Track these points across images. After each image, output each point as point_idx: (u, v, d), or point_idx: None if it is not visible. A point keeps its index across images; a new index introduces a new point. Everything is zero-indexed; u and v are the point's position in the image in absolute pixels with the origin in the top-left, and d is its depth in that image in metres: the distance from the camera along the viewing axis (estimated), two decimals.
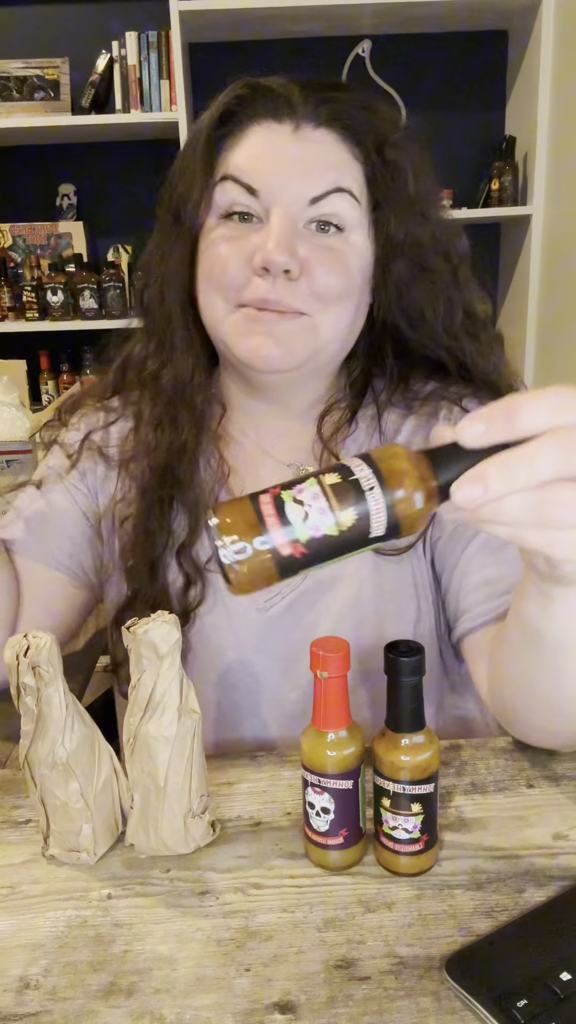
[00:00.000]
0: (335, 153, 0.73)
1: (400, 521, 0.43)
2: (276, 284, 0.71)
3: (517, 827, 0.63)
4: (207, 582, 0.79)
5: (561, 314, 2.53)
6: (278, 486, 0.43)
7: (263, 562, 0.42)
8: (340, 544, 0.43)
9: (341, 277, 0.73)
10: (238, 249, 0.72)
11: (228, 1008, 0.49)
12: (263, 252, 0.69)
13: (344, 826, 0.58)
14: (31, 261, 2.93)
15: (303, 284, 0.72)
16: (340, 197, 0.72)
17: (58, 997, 0.50)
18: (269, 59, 2.76)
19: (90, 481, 0.84)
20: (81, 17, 2.79)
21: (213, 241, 0.74)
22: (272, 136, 0.73)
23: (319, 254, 0.72)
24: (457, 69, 2.84)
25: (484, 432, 0.42)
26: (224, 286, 0.73)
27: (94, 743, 0.61)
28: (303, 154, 0.72)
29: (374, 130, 0.74)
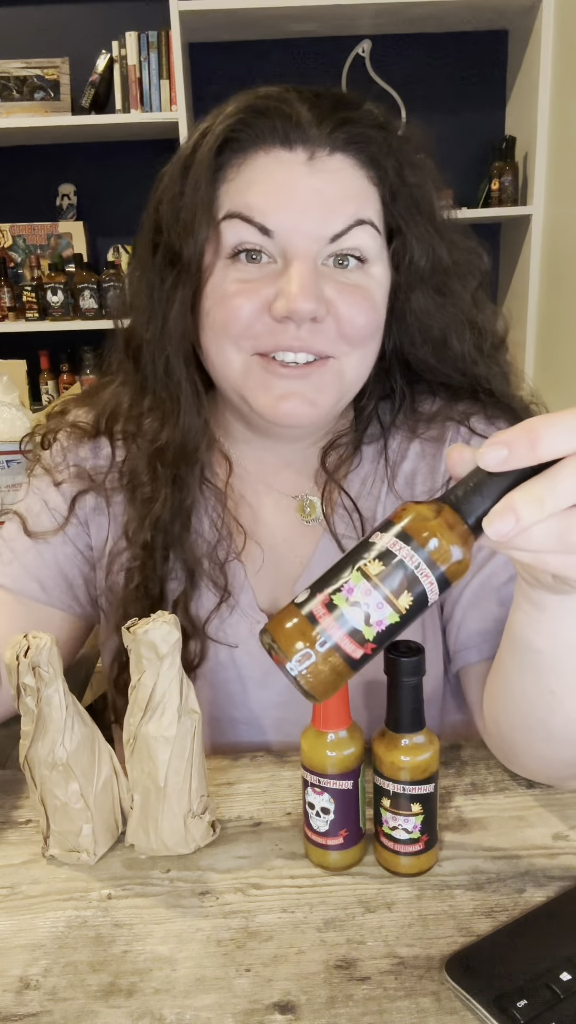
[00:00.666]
0: (353, 181, 0.67)
1: (448, 575, 0.43)
2: (301, 331, 0.66)
3: (517, 827, 0.63)
4: (206, 638, 0.76)
5: (561, 314, 2.53)
6: (322, 588, 0.43)
7: (336, 667, 0.43)
8: (404, 624, 0.43)
9: (368, 315, 0.68)
10: (253, 295, 0.66)
11: (228, 1008, 0.49)
12: (287, 301, 0.64)
13: (344, 826, 0.58)
14: (31, 261, 2.93)
15: (330, 326, 0.67)
16: (361, 230, 0.67)
17: (58, 997, 0.50)
18: (269, 59, 2.76)
19: (80, 513, 0.80)
20: (81, 17, 2.79)
21: (223, 287, 0.67)
22: (283, 169, 0.65)
23: (344, 294, 0.67)
24: (457, 69, 2.84)
25: (506, 458, 0.41)
26: (240, 335, 0.67)
27: (94, 743, 0.61)
28: (320, 187, 0.65)
29: (392, 152, 0.69)
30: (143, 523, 0.75)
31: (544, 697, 0.58)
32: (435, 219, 0.72)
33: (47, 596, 0.78)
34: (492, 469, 0.41)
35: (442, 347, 0.75)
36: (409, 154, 0.70)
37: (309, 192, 0.65)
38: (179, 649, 0.57)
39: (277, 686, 0.78)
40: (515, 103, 2.80)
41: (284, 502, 0.80)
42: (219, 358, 0.70)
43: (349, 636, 0.42)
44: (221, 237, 0.67)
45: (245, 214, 0.66)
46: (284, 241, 0.66)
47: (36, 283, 2.80)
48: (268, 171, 0.66)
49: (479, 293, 0.77)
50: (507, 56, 2.83)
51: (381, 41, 2.76)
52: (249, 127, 0.66)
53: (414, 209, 0.70)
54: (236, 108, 0.67)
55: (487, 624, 0.72)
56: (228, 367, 0.69)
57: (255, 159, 0.66)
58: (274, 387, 0.68)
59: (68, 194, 2.98)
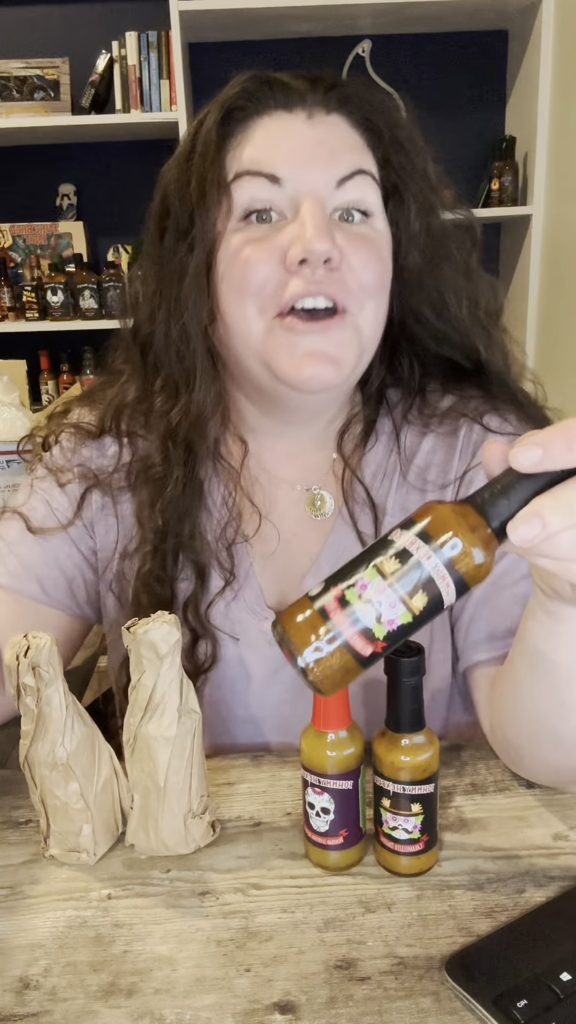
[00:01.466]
0: (351, 137, 0.71)
1: (467, 579, 0.42)
2: (316, 274, 0.66)
3: (517, 827, 0.63)
4: (217, 640, 0.76)
5: (561, 314, 2.53)
6: (337, 583, 0.43)
7: (345, 663, 0.42)
8: (417, 624, 0.42)
9: (376, 266, 0.70)
10: (267, 248, 0.67)
11: (228, 1008, 0.49)
12: (301, 242, 0.65)
13: (344, 826, 0.58)
14: (31, 261, 2.93)
15: (343, 275, 0.68)
16: (363, 180, 0.70)
17: (58, 997, 0.50)
18: (269, 59, 2.76)
19: (86, 514, 0.79)
20: (81, 17, 2.79)
21: (235, 247, 0.68)
22: (286, 124, 0.69)
23: (355, 243, 0.68)
24: (457, 69, 2.84)
25: (541, 459, 0.40)
26: (258, 292, 0.67)
27: (94, 743, 0.61)
28: (322, 137, 0.69)
29: (384, 114, 0.72)
30: (154, 507, 0.75)
31: (555, 707, 0.57)
32: (429, 180, 0.74)
33: (47, 597, 0.78)
34: (525, 470, 0.41)
35: (442, 307, 0.76)
36: (401, 120, 0.73)
37: (312, 142, 0.69)
38: (179, 649, 0.57)
39: (283, 684, 0.78)
40: (515, 103, 2.80)
41: (294, 495, 0.80)
42: (240, 323, 0.70)
43: (360, 634, 0.42)
44: (232, 198, 0.69)
45: (254, 168, 0.68)
46: (294, 188, 0.68)
47: (36, 283, 2.80)
48: (271, 129, 0.70)
49: (472, 259, 0.78)
50: (507, 56, 2.83)
51: (381, 41, 2.76)
52: (251, 95, 0.70)
53: (409, 168, 0.73)
54: (238, 81, 0.71)
55: (497, 623, 0.72)
56: (249, 332, 0.69)
57: (258, 123, 0.70)
58: (296, 347, 0.68)
59: (68, 194, 2.98)
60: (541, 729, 0.60)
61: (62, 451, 0.81)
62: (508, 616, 0.71)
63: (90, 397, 0.84)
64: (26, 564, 0.78)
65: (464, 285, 0.76)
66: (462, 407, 0.79)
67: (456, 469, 0.78)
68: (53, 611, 0.79)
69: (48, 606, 0.79)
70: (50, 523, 0.79)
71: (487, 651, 0.72)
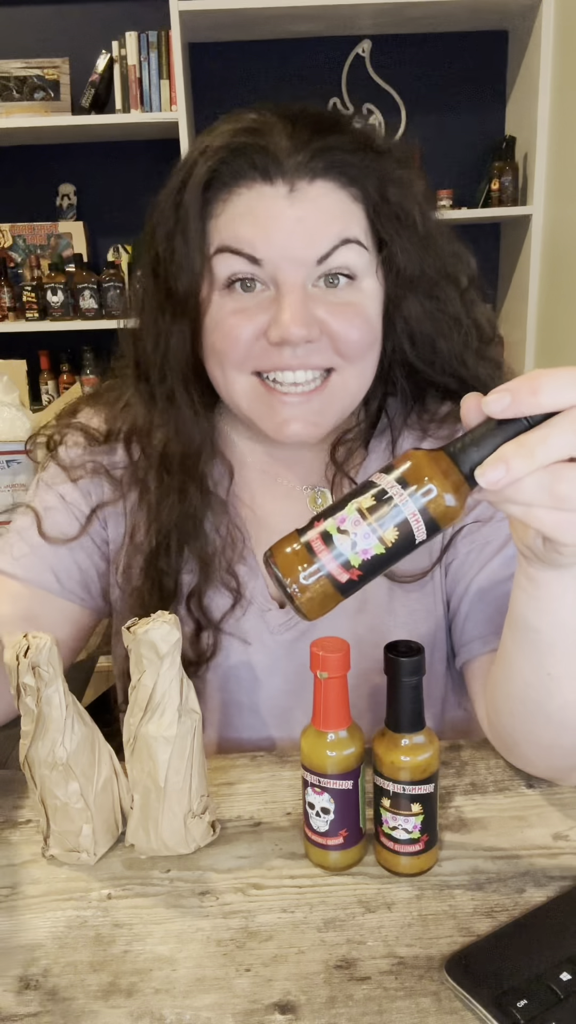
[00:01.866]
0: (335, 204, 0.69)
1: (438, 519, 0.46)
2: (297, 351, 0.69)
3: (517, 827, 0.63)
4: (219, 630, 0.77)
5: (561, 314, 2.53)
6: (320, 517, 0.48)
7: (324, 589, 0.47)
8: (390, 557, 0.47)
9: (362, 330, 0.71)
10: (249, 321, 0.69)
11: (228, 1008, 0.49)
12: (279, 328, 0.67)
13: (344, 826, 0.58)
14: (31, 261, 2.93)
15: (325, 344, 0.70)
16: (347, 248, 0.69)
17: (58, 997, 0.50)
18: (269, 59, 2.76)
19: (96, 504, 0.81)
20: (81, 17, 2.79)
21: (221, 316, 0.70)
22: (266, 202, 0.67)
23: (336, 313, 0.69)
24: (457, 69, 2.84)
25: (510, 404, 0.44)
26: (239, 360, 0.70)
27: (94, 743, 0.61)
28: (302, 215, 0.67)
29: (373, 172, 0.70)
30: (154, 525, 0.77)
31: (542, 679, 0.58)
32: (419, 230, 0.73)
33: (61, 587, 0.79)
34: (496, 415, 0.45)
35: (430, 350, 0.77)
36: (390, 170, 0.71)
37: (292, 222, 0.68)
38: (179, 649, 0.57)
39: (286, 674, 0.78)
40: (515, 103, 2.80)
41: (295, 494, 0.82)
42: (224, 382, 0.73)
43: (337, 561, 0.47)
44: (214, 270, 0.70)
45: (234, 247, 0.68)
46: (273, 269, 0.68)
47: (36, 283, 2.80)
48: (251, 206, 0.68)
49: (469, 294, 0.78)
50: (507, 56, 2.83)
51: (381, 41, 2.76)
52: (229, 165, 0.68)
53: (397, 223, 0.72)
54: (218, 146, 0.69)
55: (492, 617, 0.73)
56: (233, 391, 0.73)
57: (239, 194, 0.69)
58: (278, 412, 0.71)
59: (68, 194, 2.98)
60: (531, 706, 0.61)
61: (75, 446, 0.83)
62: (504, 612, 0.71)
63: (97, 398, 0.85)
64: (41, 556, 0.79)
65: (457, 323, 0.77)
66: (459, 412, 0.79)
67: None
68: (68, 603, 0.80)
69: (63, 597, 0.80)
70: (65, 518, 0.81)
71: (483, 645, 0.73)
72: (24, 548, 0.79)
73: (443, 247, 0.76)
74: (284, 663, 0.78)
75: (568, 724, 0.60)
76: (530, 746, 0.65)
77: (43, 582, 0.79)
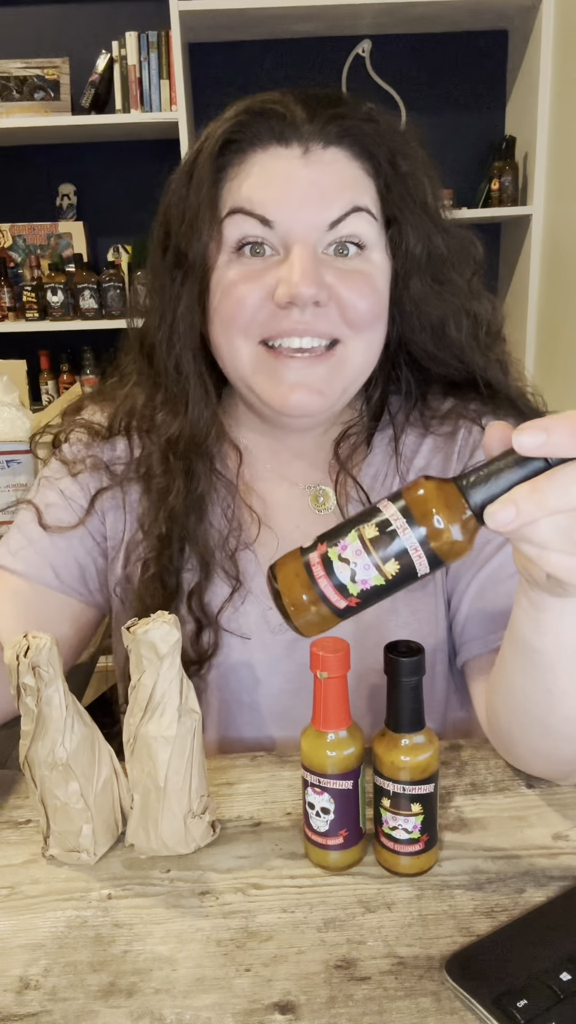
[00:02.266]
0: (348, 172, 0.70)
1: (442, 555, 0.45)
2: (304, 315, 0.68)
3: (517, 827, 0.63)
4: (219, 628, 0.77)
5: (561, 314, 2.53)
6: (324, 541, 0.47)
7: (320, 612, 0.47)
8: (390, 588, 0.46)
9: (370, 300, 0.70)
10: (257, 284, 0.68)
11: (228, 1008, 0.49)
12: (288, 286, 0.66)
13: (344, 826, 0.58)
14: (31, 261, 2.93)
15: (332, 310, 0.69)
16: (358, 217, 0.69)
17: (58, 997, 0.50)
18: (269, 59, 2.76)
19: (97, 503, 0.81)
20: (81, 17, 2.79)
21: (228, 279, 0.70)
22: (281, 162, 0.68)
23: (346, 279, 0.69)
24: (457, 69, 2.84)
25: (543, 444, 0.42)
26: (245, 324, 0.69)
27: (94, 743, 0.61)
28: (316, 178, 0.68)
29: (384, 143, 0.71)
30: (158, 515, 0.77)
31: (542, 695, 0.58)
32: (429, 208, 0.74)
33: (60, 583, 0.80)
34: (526, 453, 0.42)
35: (440, 334, 0.76)
36: (401, 145, 0.72)
37: (306, 183, 0.68)
38: (179, 649, 0.57)
39: (284, 673, 0.78)
40: (515, 103, 2.80)
41: (297, 491, 0.81)
42: (228, 350, 0.72)
43: (336, 588, 0.46)
44: (224, 233, 0.70)
45: (246, 208, 0.68)
46: (284, 231, 0.68)
47: (36, 283, 2.80)
48: (266, 167, 0.69)
49: (475, 282, 0.78)
50: (507, 56, 2.83)
51: (381, 41, 2.76)
52: (246, 128, 0.69)
53: (409, 198, 0.72)
54: (234, 112, 0.70)
55: (492, 617, 0.73)
56: (237, 359, 0.71)
57: (253, 157, 0.69)
58: (283, 378, 0.70)
59: (68, 194, 2.98)
60: (530, 718, 0.61)
61: (76, 443, 0.83)
62: (505, 611, 0.71)
63: (102, 394, 0.86)
64: (41, 552, 0.79)
65: (464, 310, 0.76)
66: (462, 409, 0.80)
67: (455, 471, 0.78)
68: (67, 599, 0.80)
69: (62, 593, 0.80)
70: (63, 511, 0.81)
71: (483, 645, 0.73)
72: (23, 543, 0.80)
73: (451, 229, 0.76)
74: (285, 662, 0.78)
75: (567, 736, 0.60)
76: (528, 752, 0.65)
77: (42, 577, 0.79)
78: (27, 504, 0.82)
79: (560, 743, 0.61)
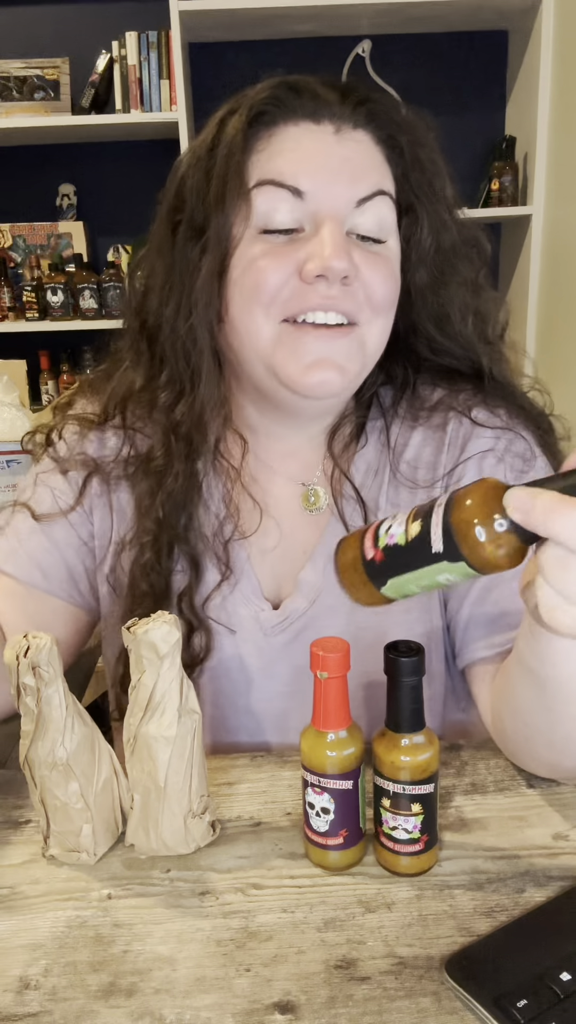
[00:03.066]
0: (375, 154, 0.71)
1: (459, 539, 0.44)
2: (331, 290, 0.67)
3: (517, 827, 0.63)
4: (211, 631, 0.77)
5: (561, 314, 2.53)
6: (377, 522, 0.50)
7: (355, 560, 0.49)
8: (408, 551, 0.46)
9: (389, 284, 0.71)
10: (283, 259, 0.68)
11: (228, 1008, 0.49)
12: (320, 259, 0.66)
13: (344, 826, 0.58)
14: (31, 261, 2.93)
15: (357, 290, 0.69)
16: (383, 201, 0.70)
17: (58, 997, 0.50)
18: (269, 59, 2.76)
19: (86, 499, 0.81)
20: (81, 17, 2.78)
21: (251, 254, 0.68)
22: (313, 137, 0.69)
23: (370, 261, 0.70)
24: (457, 69, 2.84)
25: None
26: (271, 300, 0.68)
27: (94, 743, 0.61)
28: (348, 155, 0.69)
29: (408, 133, 0.72)
30: (155, 498, 0.75)
31: (544, 714, 0.59)
32: (445, 200, 0.74)
33: (48, 583, 0.79)
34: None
35: (446, 323, 0.77)
36: (422, 135, 0.74)
37: (339, 159, 0.68)
38: (179, 649, 0.57)
39: (279, 676, 0.78)
40: (515, 103, 2.80)
41: (289, 490, 0.81)
42: (248, 327, 0.70)
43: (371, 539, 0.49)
44: (252, 205, 0.69)
45: (277, 179, 0.68)
46: (316, 203, 0.68)
47: (36, 283, 2.80)
48: (299, 139, 0.69)
49: (481, 278, 0.78)
50: (507, 56, 2.83)
51: (381, 41, 2.76)
52: (280, 102, 0.70)
53: (426, 187, 0.73)
54: (267, 86, 0.71)
55: (495, 619, 0.72)
56: (258, 336, 0.70)
57: (285, 130, 0.69)
58: (305, 353, 0.69)
59: (68, 194, 2.98)
60: (533, 732, 0.62)
61: (65, 442, 0.83)
62: (507, 613, 0.72)
63: (92, 387, 0.85)
64: (29, 552, 0.79)
65: (469, 302, 0.77)
66: (451, 400, 0.79)
67: (444, 464, 0.78)
68: (57, 600, 0.80)
69: (51, 594, 0.80)
70: (54, 511, 0.80)
71: (486, 648, 0.73)
72: (12, 543, 0.79)
73: (462, 223, 0.77)
74: (279, 665, 0.78)
75: (568, 752, 0.61)
76: (531, 760, 0.66)
77: (30, 578, 0.79)
78: (17, 505, 0.81)
79: (562, 757, 0.62)
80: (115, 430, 0.81)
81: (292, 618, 0.77)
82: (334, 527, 0.79)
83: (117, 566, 0.79)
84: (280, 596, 0.79)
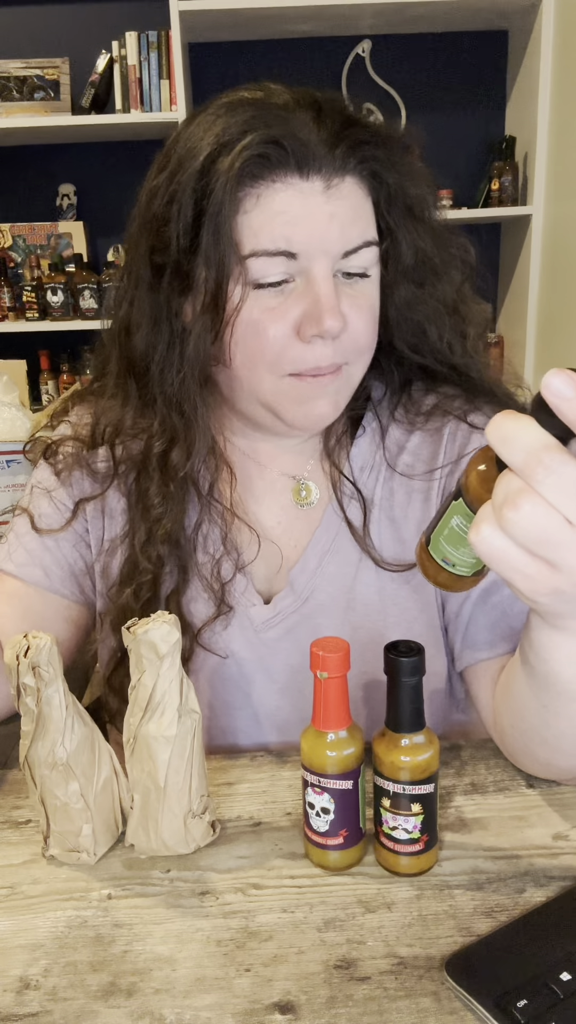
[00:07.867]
0: (360, 203, 0.70)
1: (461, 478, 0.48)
2: (327, 347, 0.70)
3: (517, 827, 0.63)
4: (194, 639, 0.77)
5: (561, 314, 2.53)
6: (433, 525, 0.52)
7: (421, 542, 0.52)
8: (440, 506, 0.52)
9: (372, 327, 0.73)
10: (280, 320, 0.69)
11: (228, 1008, 0.49)
12: (316, 322, 0.68)
13: (344, 826, 0.58)
14: (31, 261, 2.93)
15: (346, 339, 0.71)
16: (368, 250, 0.71)
17: (58, 997, 0.50)
18: (269, 59, 2.76)
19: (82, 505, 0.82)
20: (81, 17, 2.79)
21: (250, 316, 0.69)
22: (303, 198, 0.67)
23: (355, 307, 0.71)
24: (457, 69, 2.84)
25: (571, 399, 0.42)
26: (274, 359, 0.70)
27: (94, 743, 0.61)
28: (335, 211, 0.68)
29: (394, 167, 0.72)
30: (151, 538, 0.77)
31: (538, 709, 0.59)
32: (425, 220, 0.75)
33: (50, 582, 0.81)
34: (553, 401, 0.43)
35: (421, 336, 0.78)
36: (409, 165, 0.73)
37: (326, 217, 0.68)
38: (179, 649, 0.57)
39: (275, 675, 0.78)
40: (515, 103, 2.80)
41: (280, 484, 0.82)
42: (251, 379, 0.72)
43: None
44: (248, 270, 0.68)
45: (272, 249, 0.67)
46: (307, 260, 0.69)
47: (36, 283, 2.80)
48: (289, 203, 0.67)
49: (464, 288, 0.79)
50: (507, 56, 2.83)
51: (381, 41, 2.76)
52: (267, 160, 0.66)
53: (408, 214, 0.73)
54: (252, 141, 0.66)
55: (497, 621, 0.73)
56: (259, 386, 0.72)
57: (273, 190, 0.67)
58: (307, 398, 0.73)
59: (68, 194, 2.98)
60: (529, 728, 0.62)
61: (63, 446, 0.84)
62: (508, 615, 0.72)
63: (84, 398, 0.86)
64: (31, 552, 0.81)
65: (446, 319, 0.78)
66: (446, 405, 0.81)
67: (443, 459, 0.79)
68: (60, 598, 0.81)
69: (53, 592, 0.81)
70: (53, 515, 0.82)
71: (490, 649, 0.73)
72: (15, 544, 0.81)
73: (444, 236, 0.77)
74: (273, 663, 0.78)
75: (563, 751, 0.61)
76: (527, 757, 0.66)
77: (32, 576, 0.80)
78: (19, 510, 0.83)
79: (556, 756, 0.63)
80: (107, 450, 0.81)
81: (284, 614, 0.78)
82: (330, 523, 0.79)
83: (108, 567, 0.81)
84: (271, 591, 0.80)
